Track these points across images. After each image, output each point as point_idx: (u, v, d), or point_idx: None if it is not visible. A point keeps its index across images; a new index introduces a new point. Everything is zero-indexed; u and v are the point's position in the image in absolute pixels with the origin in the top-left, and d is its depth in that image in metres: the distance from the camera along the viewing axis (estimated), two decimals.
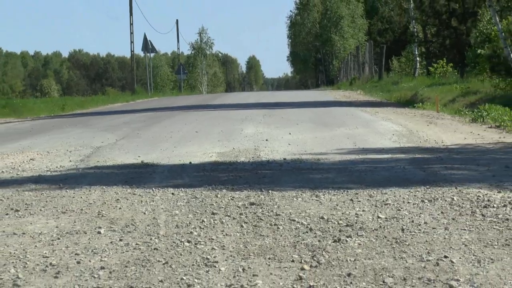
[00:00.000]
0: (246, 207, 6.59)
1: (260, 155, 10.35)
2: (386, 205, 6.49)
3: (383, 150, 10.58)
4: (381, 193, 7.03)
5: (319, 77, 75.75)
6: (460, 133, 12.80)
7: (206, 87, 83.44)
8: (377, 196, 6.90)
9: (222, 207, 6.62)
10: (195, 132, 14.49)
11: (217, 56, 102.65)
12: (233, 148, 11.32)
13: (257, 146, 11.50)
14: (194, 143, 12.31)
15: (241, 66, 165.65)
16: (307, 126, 15.07)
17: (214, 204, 6.77)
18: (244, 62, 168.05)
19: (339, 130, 13.89)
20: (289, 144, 11.63)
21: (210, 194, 7.27)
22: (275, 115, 18.83)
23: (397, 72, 44.26)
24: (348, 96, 32.12)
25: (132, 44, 50.00)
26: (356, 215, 6.12)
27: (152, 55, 58.77)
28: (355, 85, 43.57)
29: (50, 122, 20.61)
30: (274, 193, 7.19)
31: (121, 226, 6.00)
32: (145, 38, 50.70)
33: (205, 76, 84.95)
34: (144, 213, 6.50)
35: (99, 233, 5.76)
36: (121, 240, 5.51)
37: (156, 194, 7.39)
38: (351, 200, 6.76)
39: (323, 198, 6.89)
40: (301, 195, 7.06)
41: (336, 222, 5.88)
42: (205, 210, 6.52)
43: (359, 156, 9.94)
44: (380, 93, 30.89)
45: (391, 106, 22.30)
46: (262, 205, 6.64)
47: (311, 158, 9.86)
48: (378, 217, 6.01)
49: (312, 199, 6.86)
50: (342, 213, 6.22)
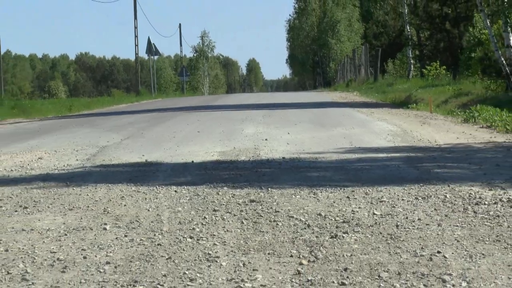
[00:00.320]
0: (246, 204, 6.59)
1: (260, 154, 10.35)
2: (381, 202, 6.49)
3: (379, 149, 10.57)
4: (377, 191, 7.03)
5: (317, 79, 75.73)
6: (453, 133, 12.80)
7: (208, 89, 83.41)
8: (373, 194, 6.90)
9: (223, 204, 6.62)
10: (197, 132, 14.48)
11: (219, 59, 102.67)
12: (234, 148, 11.32)
13: (257, 146, 11.49)
14: (196, 143, 12.31)
15: (242, 68, 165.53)
16: (305, 126, 15.07)
17: (216, 201, 6.77)
18: (245, 65, 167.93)
19: (336, 130, 13.88)
20: (288, 144, 11.63)
21: (212, 192, 7.27)
22: (275, 116, 18.82)
23: (392, 74, 44.24)
24: (345, 97, 32.11)
25: (137, 47, 49.99)
26: (353, 212, 6.12)
27: (156, 58, 58.74)
28: (352, 87, 43.56)
29: (58, 123, 20.61)
30: (274, 191, 7.19)
31: (126, 223, 6.00)
32: (149, 42, 50.67)
33: (207, 78, 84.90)
34: (148, 210, 6.50)
35: (105, 229, 5.76)
36: (126, 236, 5.51)
37: (160, 192, 7.39)
38: (348, 198, 6.76)
39: (321, 196, 6.89)
40: (300, 193, 7.06)
41: (333, 219, 5.88)
42: (207, 207, 6.52)
43: (355, 155, 9.94)
44: (376, 95, 30.87)
45: (386, 107, 22.29)
46: (262, 202, 6.64)
47: (309, 157, 9.86)
48: (374, 214, 6.01)
49: (310, 197, 6.86)
50: (339, 210, 6.22)
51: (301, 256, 4.80)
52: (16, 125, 20.37)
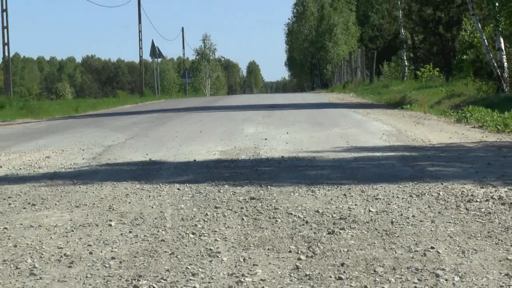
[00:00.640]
0: (247, 202, 6.59)
1: (260, 153, 10.34)
2: (377, 200, 6.49)
3: (374, 149, 10.57)
4: (372, 189, 7.03)
5: (315, 81, 75.72)
6: (446, 133, 12.80)
7: (210, 90, 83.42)
8: (369, 191, 6.90)
9: (225, 202, 6.62)
10: (199, 132, 14.48)
11: (220, 61, 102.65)
12: (235, 147, 11.31)
13: (257, 145, 11.49)
14: (198, 142, 12.30)
15: (242, 71, 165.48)
16: (304, 126, 15.06)
17: (217, 199, 6.77)
18: (245, 67, 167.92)
19: (333, 130, 13.88)
20: (287, 143, 11.62)
21: (213, 190, 7.27)
22: (274, 116, 18.82)
23: (387, 76, 44.21)
24: (342, 99, 32.11)
25: (141, 50, 50.04)
26: (349, 209, 6.12)
27: (159, 60, 58.76)
28: (348, 88, 43.57)
29: (65, 123, 20.61)
30: (273, 189, 7.19)
31: (131, 219, 6.00)
32: (153, 45, 50.72)
33: (209, 80, 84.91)
34: (152, 207, 6.49)
35: (110, 226, 5.76)
36: (131, 232, 5.51)
37: (163, 190, 7.39)
38: (344, 195, 6.76)
39: (318, 193, 6.88)
40: (298, 190, 7.05)
41: (330, 216, 5.88)
42: (209, 204, 6.52)
43: (352, 154, 9.94)
44: (371, 96, 30.87)
45: (381, 108, 22.29)
46: (262, 200, 6.64)
47: (307, 156, 9.85)
48: (370, 211, 6.01)
49: (308, 194, 6.86)
50: (336, 207, 6.21)
51: (300, 252, 4.80)
52: (25, 125, 20.37)
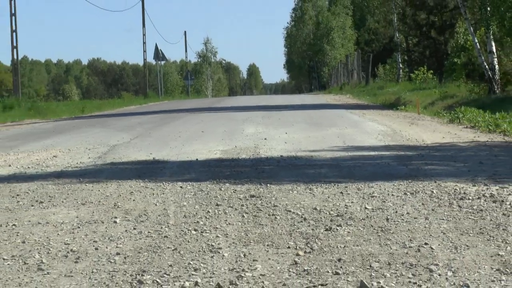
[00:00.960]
0: (247, 199, 6.59)
1: (260, 153, 10.34)
2: (373, 197, 6.48)
3: (370, 148, 10.57)
4: (368, 187, 7.03)
5: (312, 83, 75.71)
6: (439, 133, 12.79)
7: (211, 92, 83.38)
8: (365, 189, 6.89)
9: (226, 199, 6.62)
10: (201, 132, 14.47)
11: (221, 64, 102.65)
12: (235, 146, 11.31)
13: (257, 145, 11.48)
14: (200, 142, 12.30)
15: (243, 73, 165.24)
16: (302, 127, 15.06)
17: (218, 197, 6.77)
18: (245, 69, 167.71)
19: (330, 130, 13.87)
20: (286, 143, 11.62)
21: (215, 188, 7.27)
22: (273, 117, 18.81)
23: (382, 78, 44.21)
24: (338, 100, 32.11)
25: (145, 53, 49.98)
26: (346, 206, 6.11)
27: (163, 63, 58.68)
28: (345, 90, 43.57)
29: (71, 123, 20.60)
30: (272, 187, 7.18)
31: (135, 216, 6.00)
32: (156, 48, 50.63)
33: (210, 82, 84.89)
34: (156, 205, 6.49)
35: (115, 223, 5.76)
36: (135, 229, 5.51)
37: (166, 188, 7.39)
38: (341, 193, 6.75)
39: (316, 191, 6.88)
40: (296, 188, 7.05)
41: (328, 213, 5.88)
42: (210, 202, 6.51)
43: (348, 153, 9.93)
44: (367, 97, 30.87)
45: (377, 109, 22.29)
46: (261, 197, 6.64)
47: (305, 155, 9.85)
48: (365, 208, 6.01)
49: (306, 192, 6.85)
50: (333, 205, 6.21)
51: (298, 248, 4.80)
52: (33, 126, 20.36)
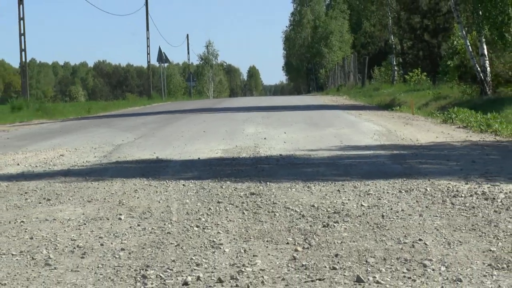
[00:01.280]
0: (247, 197, 6.58)
1: (259, 152, 10.34)
2: (369, 195, 6.48)
3: (366, 147, 10.57)
4: (364, 185, 7.02)
5: (310, 84, 75.70)
6: (433, 133, 12.79)
7: (213, 93, 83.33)
8: (361, 187, 6.89)
9: (226, 197, 6.62)
10: (203, 132, 14.47)
11: (222, 66, 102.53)
12: (236, 146, 11.30)
13: (257, 144, 11.48)
14: (202, 141, 12.29)
15: (243, 75, 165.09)
16: (300, 127, 15.05)
17: (220, 194, 6.77)
18: (246, 71, 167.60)
19: (328, 130, 13.87)
20: (285, 142, 11.61)
21: (216, 185, 7.26)
22: (273, 117, 18.80)
23: (378, 80, 44.16)
24: (335, 101, 32.10)
25: (149, 56, 49.99)
26: (343, 204, 6.11)
27: (166, 65, 58.68)
28: (342, 91, 43.54)
29: (77, 123, 20.60)
30: (272, 185, 7.18)
31: (139, 213, 5.99)
32: (160, 51, 50.64)
33: (212, 83, 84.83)
34: (159, 202, 6.49)
35: (120, 219, 5.75)
36: (139, 225, 5.50)
37: (169, 186, 7.38)
38: (338, 191, 6.75)
39: (314, 189, 6.88)
40: (295, 186, 7.05)
41: (325, 210, 5.88)
42: (212, 199, 6.51)
43: (345, 153, 9.93)
44: (363, 98, 30.87)
45: (373, 109, 22.28)
46: (261, 195, 6.63)
47: (304, 154, 9.85)
48: (362, 205, 6.00)
49: (304, 190, 6.85)
50: (330, 202, 6.21)
51: (296, 243, 4.79)
52: (41, 126, 20.36)
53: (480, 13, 19.05)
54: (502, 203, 5.91)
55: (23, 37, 31.58)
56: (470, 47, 20.57)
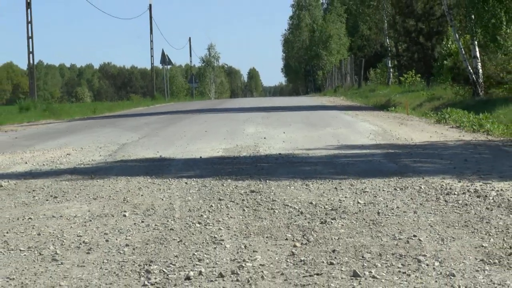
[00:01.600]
0: (247, 194, 6.58)
1: (259, 151, 10.33)
2: (365, 193, 6.48)
3: (362, 147, 10.56)
4: (361, 183, 7.02)
5: (309, 86, 75.66)
6: (427, 132, 12.79)
7: (214, 94, 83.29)
8: (357, 185, 6.89)
9: (227, 194, 6.61)
10: (205, 132, 14.47)
11: (223, 68, 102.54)
12: (237, 145, 11.30)
13: (257, 143, 11.48)
14: (204, 141, 12.29)
15: (243, 76, 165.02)
16: (299, 127, 15.05)
17: (221, 192, 6.76)
18: (246, 73, 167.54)
19: (326, 130, 13.86)
20: (284, 142, 11.61)
21: (217, 183, 7.26)
22: (272, 117, 18.80)
23: (374, 81, 44.15)
24: (333, 101, 32.09)
25: (152, 58, 49.98)
26: (340, 201, 6.11)
27: (169, 67, 58.66)
28: (339, 92, 43.54)
29: (83, 123, 20.59)
30: (271, 183, 7.18)
31: (143, 210, 5.99)
32: (163, 53, 50.63)
33: (213, 85, 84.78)
34: (162, 199, 6.49)
35: (124, 216, 5.75)
36: (143, 222, 5.50)
37: (172, 183, 7.38)
38: (335, 188, 6.75)
39: (312, 187, 6.87)
40: (294, 184, 7.04)
41: (323, 207, 5.87)
42: (213, 197, 6.51)
43: (342, 152, 9.93)
44: (360, 99, 30.86)
45: (369, 110, 22.27)
46: (261, 193, 6.63)
47: (302, 153, 9.85)
48: (358, 203, 6.00)
49: (303, 187, 6.85)
50: (328, 199, 6.21)
51: (295, 239, 4.79)
52: (48, 126, 20.35)
53: (473, 17, 19.04)
54: (494, 201, 5.91)
55: (31, 40, 31.57)
56: (463, 50, 20.58)
